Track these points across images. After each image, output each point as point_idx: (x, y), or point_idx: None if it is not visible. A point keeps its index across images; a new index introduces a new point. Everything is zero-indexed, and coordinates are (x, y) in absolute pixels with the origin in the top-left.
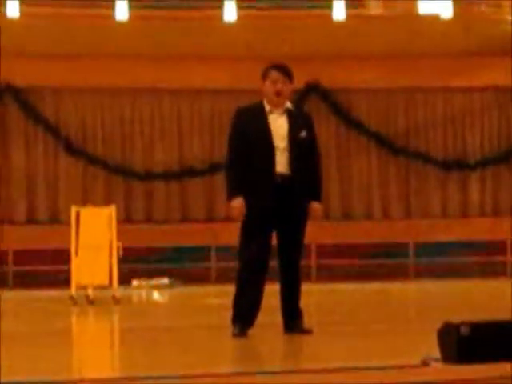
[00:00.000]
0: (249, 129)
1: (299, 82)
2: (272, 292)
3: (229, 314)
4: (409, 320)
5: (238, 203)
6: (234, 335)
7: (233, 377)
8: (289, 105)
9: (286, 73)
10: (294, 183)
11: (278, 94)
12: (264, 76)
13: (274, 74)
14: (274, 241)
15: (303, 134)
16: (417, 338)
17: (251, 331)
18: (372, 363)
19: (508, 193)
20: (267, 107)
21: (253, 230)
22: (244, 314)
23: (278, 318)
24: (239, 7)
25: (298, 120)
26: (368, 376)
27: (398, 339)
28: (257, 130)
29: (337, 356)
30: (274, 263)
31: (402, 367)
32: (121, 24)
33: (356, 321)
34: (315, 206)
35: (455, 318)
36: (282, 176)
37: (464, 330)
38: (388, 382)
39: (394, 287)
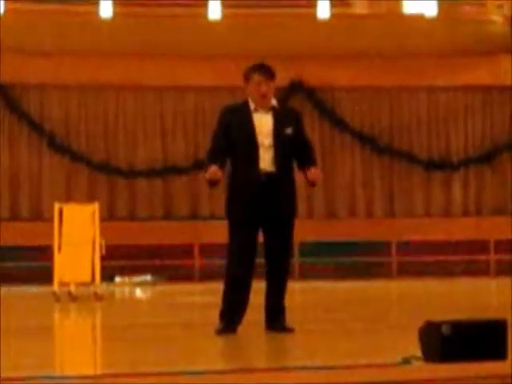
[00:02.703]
0: (233, 127)
1: (283, 80)
2: (255, 290)
3: (211, 312)
4: (391, 318)
5: (213, 168)
6: (218, 332)
7: (214, 375)
8: (274, 102)
9: (269, 73)
10: (279, 180)
11: (264, 96)
12: (247, 78)
13: (257, 77)
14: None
15: (288, 131)
16: (398, 337)
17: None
18: (353, 361)
19: (491, 192)
20: (252, 106)
21: (239, 227)
22: (232, 311)
23: (261, 316)
24: (224, 5)
25: (283, 117)
26: (349, 374)
27: (379, 337)
28: (241, 127)
29: (318, 354)
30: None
31: (383, 366)
32: (105, 21)
33: (338, 319)
34: (313, 169)
35: (437, 317)
36: (267, 173)
37: (445, 329)
38: (369, 380)
39: (377, 286)
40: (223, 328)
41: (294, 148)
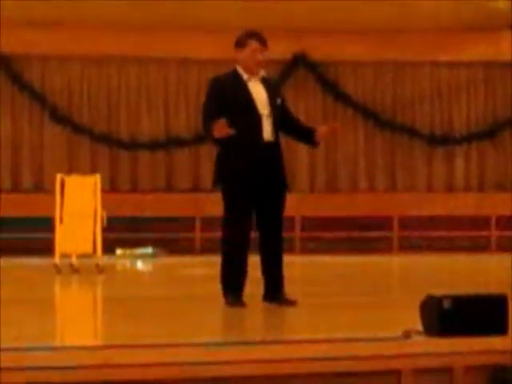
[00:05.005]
0: (229, 97)
1: (286, 53)
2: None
3: (212, 285)
4: (392, 293)
5: (221, 120)
6: (230, 305)
7: (214, 347)
8: (263, 72)
9: (264, 42)
10: (277, 150)
11: (260, 64)
12: (242, 44)
13: (254, 44)
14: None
15: (278, 101)
16: (399, 311)
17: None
18: (354, 335)
19: (493, 168)
20: (244, 75)
21: (240, 198)
22: (235, 284)
23: (256, 289)
24: None
25: (271, 87)
26: (349, 348)
27: (380, 312)
28: (239, 98)
29: (319, 328)
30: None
31: (383, 339)
32: None
33: (339, 293)
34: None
35: (438, 292)
36: (269, 143)
37: (446, 303)
38: (370, 353)
39: (378, 260)
40: (234, 301)
41: (281, 118)
